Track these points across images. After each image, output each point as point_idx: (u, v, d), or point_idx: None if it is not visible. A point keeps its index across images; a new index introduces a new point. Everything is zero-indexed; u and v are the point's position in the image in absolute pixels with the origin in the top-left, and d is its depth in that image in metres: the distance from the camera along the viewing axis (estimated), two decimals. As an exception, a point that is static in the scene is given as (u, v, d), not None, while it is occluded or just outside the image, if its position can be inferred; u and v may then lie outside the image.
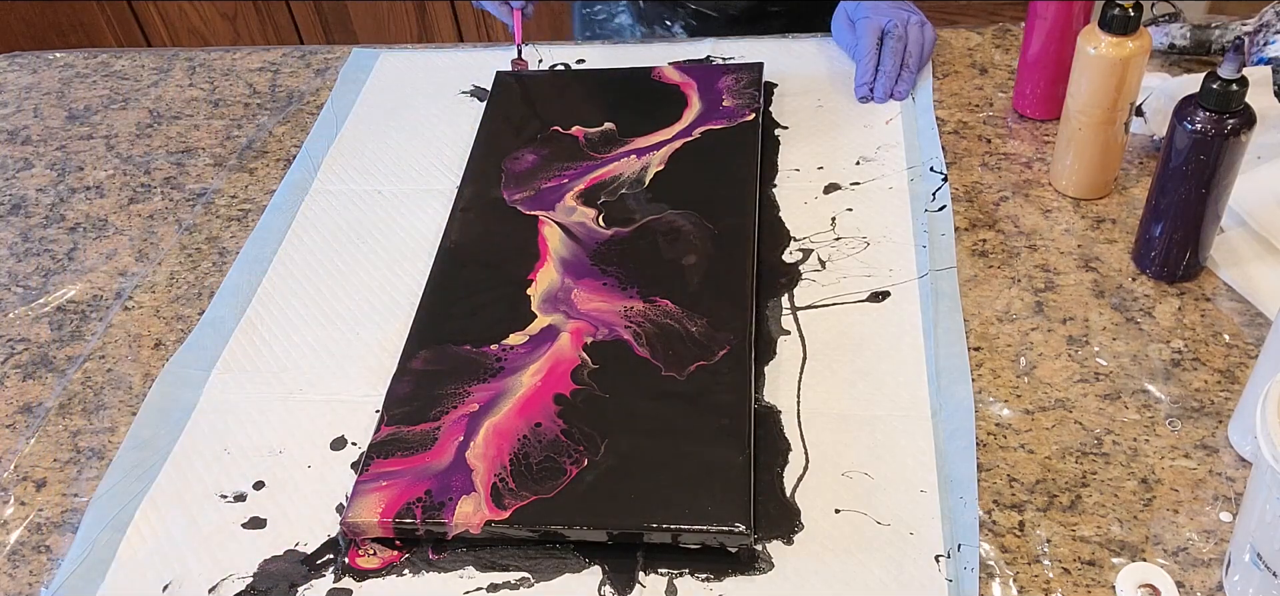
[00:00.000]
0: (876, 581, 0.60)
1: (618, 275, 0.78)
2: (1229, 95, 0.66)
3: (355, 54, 1.11)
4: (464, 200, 0.88)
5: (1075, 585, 0.59)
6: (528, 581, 0.62)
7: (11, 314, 0.85)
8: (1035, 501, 0.63)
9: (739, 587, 0.61)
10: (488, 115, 0.97)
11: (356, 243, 0.87)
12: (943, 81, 0.98)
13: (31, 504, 0.70)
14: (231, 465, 0.70)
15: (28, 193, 0.98)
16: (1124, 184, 0.84)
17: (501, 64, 1.06)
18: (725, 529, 0.60)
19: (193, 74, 1.12)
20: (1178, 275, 0.75)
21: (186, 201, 0.95)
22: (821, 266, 0.80)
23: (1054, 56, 0.88)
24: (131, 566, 0.65)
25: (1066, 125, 0.81)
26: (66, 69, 1.15)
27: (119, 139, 1.04)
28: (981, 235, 0.81)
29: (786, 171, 0.90)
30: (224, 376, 0.77)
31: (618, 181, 0.87)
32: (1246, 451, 0.64)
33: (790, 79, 1.01)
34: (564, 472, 0.64)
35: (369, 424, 0.72)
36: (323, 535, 0.65)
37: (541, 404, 0.69)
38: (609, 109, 0.96)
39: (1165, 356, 0.71)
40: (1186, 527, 0.61)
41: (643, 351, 0.72)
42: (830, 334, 0.75)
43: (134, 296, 0.85)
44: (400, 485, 0.65)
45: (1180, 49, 0.94)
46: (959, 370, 0.70)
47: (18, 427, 0.75)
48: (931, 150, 0.89)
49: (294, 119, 1.04)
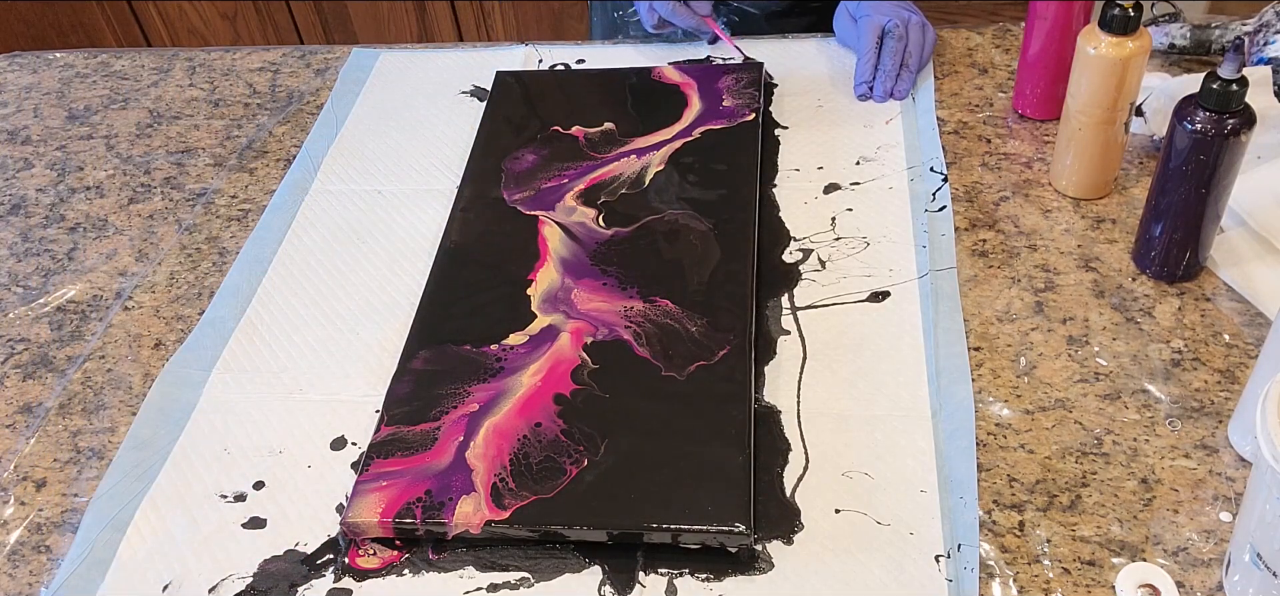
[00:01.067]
0: (876, 581, 0.60)
1: (618, 275, 0.78)
2: (1229, 95, 0.66)
3: (355, 54, 1.11)
4: (464, 200, 0.88)
5: (1075, 585, 0.59)
6: (528, 581, 0.62)
7: (11, 314, 0.85)
8: (1035, 501, 0.63)
9: (739, 587, 0.60)
10: (488, 115, 0.97)
11: (356, 243, 0.87)
12: (943, 81, 0.98)
13: (31, 504, 0.70)
14: (231, 465, 0.70)
15: (28, 193, 0.98)
16: (1124, 184, 0.84)
17: (502, 64, 1.06)
18: (725, 529, 0.60)
19: (193, 74, 1.12)
20: (1178, 275, 0.75)
21: (186, 201, 0.95)
22: (821, 266, 0.80)
23: (1054, 56, 0.88)
24: (131, 566, 0.65)
25: (1066, 125, 0.81)
26: (66, 69, 1.15)
27: (119, 139, 1.04)
28: (981, 235, 0.81)
29: (786, 171, 0.90)
30: (224, 376, 0.77)
31: (618, 181, 0.87)
32: (1246, 451, 0.64)
33: (790, 79, 1.01)
34: (564, 472, 0.64)
35: (369, 424, 0.72)
36: (323, 535, 0.65)
37: (541, 404, 0.69)
38: (609, 109, 0.96)
39: (1165, 356, 0.71)
40: (1186, 527, 0.61)
41: (643, 351, 0.72)
42: (830, 334, 0.75)
43: (134, 296, 0.85)
44: (400, 485, 0.65)
45: (1180, 49, 0.94)
46: (959, 370, 0.70)
47: (18, 427, 0.75)
48: (931, 150, 0.89)
49: (294, 119, 1.04)
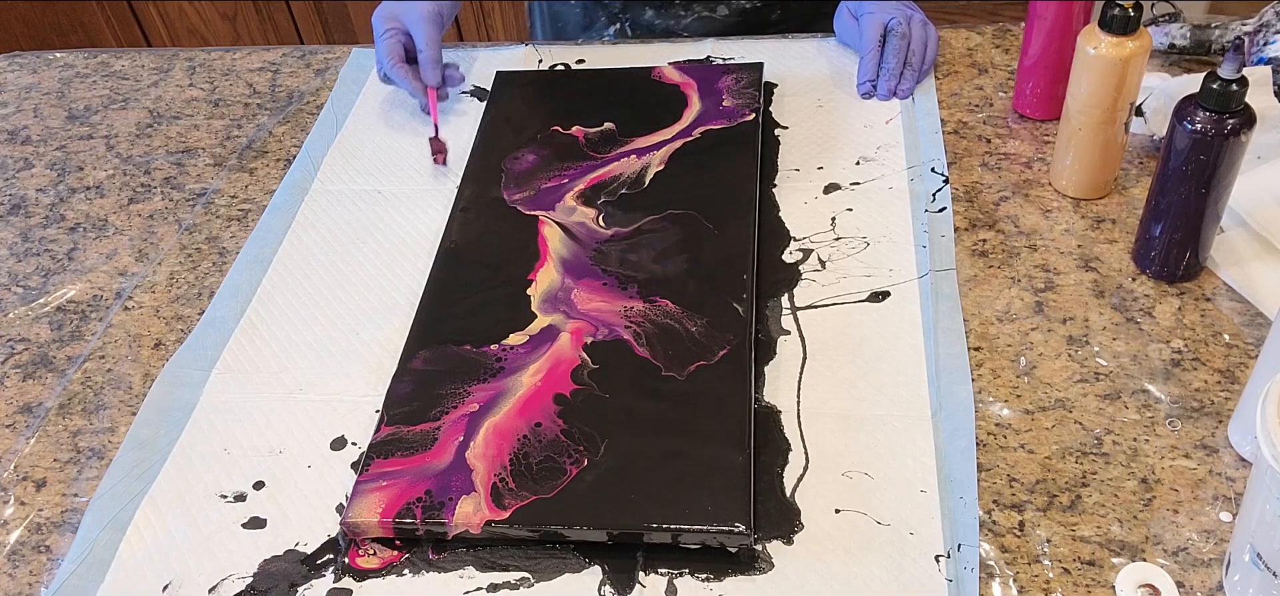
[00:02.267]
0: (876, 581, 0.60)
1: (618, 275, 0.78)
2: (1229, 95, 0.66)
3: (355, 54, 1.11)
4: (464, 200, 0.87)
5: (1075, 585, 0.59)
6: (528, 581, 0.62)
7: (11, 314, 0.85)
8: (1035, 501, 0.63)
9: (739, 587, 0.60)
10: (488, 115, 0.97)
11: (356, 243, 0.87)
12: (943, 81, 0.98)
13: (31, 504, 0.70)
14: (231, 465, 0.70)
15: (28, 193, 0.98)
16: (1124, 184, 0.84)
17: (502, 64, 1.06)
18: (725, 529, 0.60)
19: (193, 74, 1.12)
20: (1178, 275, 0.75)
21: (186, 201, 0.95)
22: (821, 266, 0.80)
23: (1054, 56, 0.88)
24: (131, 566, 0.65)
25: (1066, 125, 0.81)
26: (66, 69, 1.15)
27: (119, 139, 1.04)
28: (981, 235, 0.81)
29: (786, 171, 0.90)
30: (224, 376, 0.77)
31: (618, 181, 0.87)
32: (1246, 451, 0.64)
33: (790, 79, 1.01)
34: (564, 472, 0.64)
35: (369, 424, 0.72)
36: (323, 535, 0.65)
37: (541, 404, 0.69)
38: (609, 109, 0.96)
39: (1165, 356, 0.71)
40: (1186, 527, 0.61)
41: (643, 351, 0.72)
42: (830, 334, 0.75)
43: (134, 296, 0.85)
44: (400, 485, 0.65)
45: (1180, 49, 0.94)
46: (959, 370, 0.70)
47: (18, 427, 0.75)
48: (932, 150, 0.89)
49: (294, 119, 1.04)
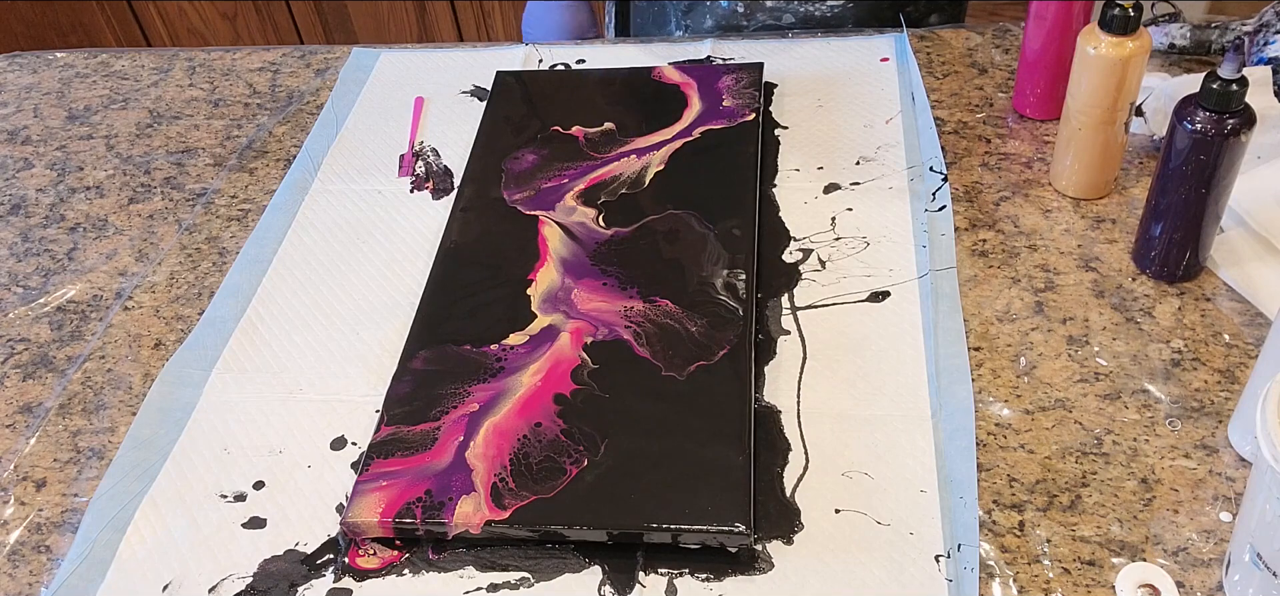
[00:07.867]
0: (876, 581, 0.60)
1: (618, 275, 0.78)
2: (1229, 95, 0.66)
3: (355, 54, 1.11)
4: (464, 200, 0.87)
5: (1075, 585, 0.59)
6: (528, 581, 0.62)
7: (11, 314, 0.85)
8: (1035, 501, 0.63)
9: (739, 587, 0.61)
10: (488, 115, 0.97)
11: (356, 242, 0.87)
12: (943, 81, 0.98)
13: (31, 504, 0.70)
14: (231, 465, 0.70)
15: (28, 193, 0.98)
16: (1124, 184, 0.84)
17: (502, 64, 1.06)
18: (725, 529, 0.60)
19: (193, 74, 1.12)
20: (1178, 275, 0.75)
21: (186, 201, 0.95)
22: (821, 266, 0.80)
23: (1054, 56, 0.88)
24: (131, 566, 0.65)
25: (1066, 125, 0.81)
26: (66, 69, 1.15)
27: (119, 139, 1.04)
28: (981, 235, 0.81)
29: (786, 171, 0.90)
30: (224, 376, 0.77)
31: (618, 181, 0.87)
32: (1246, 451, 0.64)
33: (790, 79, 1.01)
34: (564, 472, 0.64)
35: (369, 424, 0.72)
36: (323, 535, 0.65)
37: (541, 404, 0.69)
38: (609, 109, 0.96)
39: (1165, 356, 0.71)
40: (1186, 527, 0.61)
41: (643, 351, 0.72)
42: (830, 334, 0.75)
43: (134, 296, 0.85)
44: (400, 485, 0.65)
45: (1180, 49, 0.94)
46: (959, 370, 0.70)
47: (18, 427, 0.75)
48: (931, 150, 0.89)
49: (294, 119, 1.04)
